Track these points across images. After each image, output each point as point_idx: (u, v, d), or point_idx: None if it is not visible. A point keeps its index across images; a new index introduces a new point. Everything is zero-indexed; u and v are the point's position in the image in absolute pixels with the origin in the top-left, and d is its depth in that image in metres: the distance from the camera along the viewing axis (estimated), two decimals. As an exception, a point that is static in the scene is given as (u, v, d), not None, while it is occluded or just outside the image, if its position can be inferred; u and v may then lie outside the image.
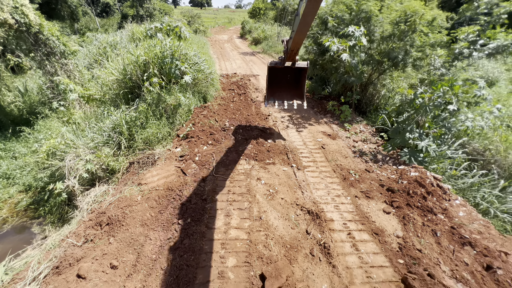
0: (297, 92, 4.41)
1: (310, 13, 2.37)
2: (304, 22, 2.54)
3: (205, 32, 21.98)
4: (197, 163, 3.78)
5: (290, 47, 3.34)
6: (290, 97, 4.41)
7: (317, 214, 2.81)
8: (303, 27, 2.67)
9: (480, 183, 3.70)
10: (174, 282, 2.04)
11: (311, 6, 2.24)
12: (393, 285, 2.12)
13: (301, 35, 2.87)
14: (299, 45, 3.20)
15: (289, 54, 3.52)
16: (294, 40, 3.02)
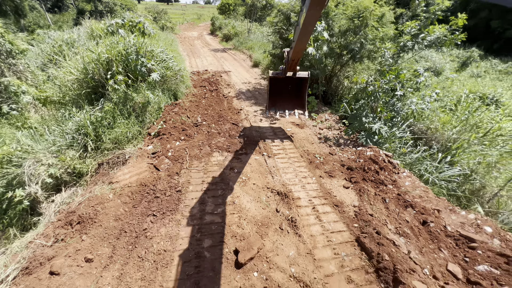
0: (298, 101, 4.41)
1: (311, 22, 2.39)
2: (305, 31, 2.54)
3: (173, 28, 21.22)
4: (170, 158, 3.82)
5: (291, 57, 3.32)
6: (292, 106, 4.42)
7: (286, 194, 3.09)
8: (303, 37, 2.68)
9: (423, 157, 4.32)
10: (152, 266, 2.14)
11: (312, 15, 2.28)
12: (349, 245, 2.47)
13: (301, 44, 2.87)
14: (300, 54, 3.19)
15: (290, 64, 3.52)
16: (295, 50, 3.02)
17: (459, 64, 14.68)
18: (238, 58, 12.92)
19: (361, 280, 2.14)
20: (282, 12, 6.31)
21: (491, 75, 13.58)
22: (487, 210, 3.62)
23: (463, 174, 4.08)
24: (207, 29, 28.69)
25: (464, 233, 2.64)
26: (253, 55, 11.90)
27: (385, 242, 2.38)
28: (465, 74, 13.21)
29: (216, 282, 2.05)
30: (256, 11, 21.51)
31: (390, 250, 2.27)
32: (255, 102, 6.62)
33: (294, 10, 6.02)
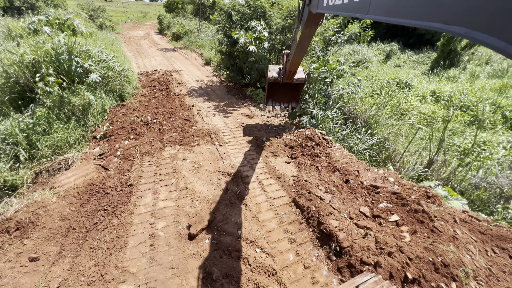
0: (294, 95, 4.67)
1: (306, 38, 2.59)
2: (301, 46, 2.75)
3: (114, 27, 19.51)
4: (119, 157, 3.79)
5: (289, 69, 3.57)
6: (287, 100, 4.70)
7: (235, 175, 3.44)
8: (300, 51, 2.90)
9: (351, 132, 5.20)
10: (106, 253, 2.24)
11: (307, 33, 2.47)
12: (287, 206, 2.97)
13: (298, 58, 3.12)
14: (296, 67, 3.50)
15: (287, 75, 3.80)
16: (292, 62, 3.27)
17: (384, 56, 17.30)
18: (189, 57, 12.76)
19: (295, 230, 2.64)
20: (224, 11, 6.62)
21: (408, 65, 16.42)
22: (397, 168, 4.62)
23: (379, 142, 5.08)
24: (155, 28, 27.14)
25: (374, 184, 3.40)
26: (204, 54, 11.93)
27: (314, 198, 2.94)
28: (389, 65, 15.69)
29: (171, 254, 2.28)
30: (205, 9, 21.32)
31: (317, 203, 2.83)
32: (208, 99, 6.81)
33: (235, 9, 6.39)
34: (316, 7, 1.93)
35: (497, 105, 8.53)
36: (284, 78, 3.90)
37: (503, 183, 3.60)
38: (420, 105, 8.80)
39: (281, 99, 4.72)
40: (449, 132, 7.26)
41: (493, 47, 0.57)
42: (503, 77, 12.81)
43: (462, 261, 2.12)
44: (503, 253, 2.42)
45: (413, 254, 2.10)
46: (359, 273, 2.07)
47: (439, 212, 2.82)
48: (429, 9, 0.76)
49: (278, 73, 4.13)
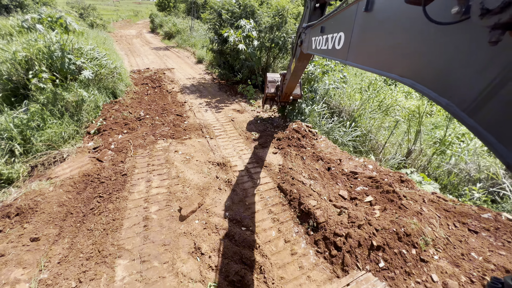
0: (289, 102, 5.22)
1: (299, 70, 3.07)
2: (295, 75, 3.25)
3: (105, 26, 19.35)
4: (113, 150, 3.95)
5: (285, 91, 4.15)
6: None
7: (224, 164, 3.66)
8: (294, 79, 3.49)
9: (336, 125, 5.48)
10: (103, 233, 2.43)
11: (300, 65, 2.93)
12: (272, 190, 3.21)
13: (293, 84, 3.75)
14: (292, 89, 4.10)
15: (283, 96, 4.38)
16: (288, 86, 3.89)
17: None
18: (182, 55, 12.86)
19: (278, 210, 2.88)
20: (214, 10, 6.79)
21: (397, 63, 16.87)
22: (379, 157, 4.91)
23: (363, 134, 5.37)
24: (147, 26, 26.94)
25: (353, 170, 3.67)
26: (197, 52, 12.05)
27: (296, 183, 3.18)
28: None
29: (163, 233, 2.48)
30: (197, 8, 21.35)
31: (299, 187, 3.08)
32: (200, 95, 6.99)
33: (225, 8, 6.57)
34: (306, 49, 2.39)
35: (476, 100, 8.97)
36: (281, 97, 4.42)
37: (470, 168, 3.93)
38: (405, 100, 9.19)
39: (276, 102, 5.26)
40: (431, 126, 7.65)
41: (430, 98, 0.76)
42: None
43: (423, 232, 2.39)
44: (463, 227, 2.72)
45: (380, 226, 2.36)
46: (333, 244, 2.32)
47: (410, 194, 3.11)
48: (387, 64, 1.01)
49: (275, 89, 4.64)
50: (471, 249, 2.39)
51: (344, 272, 2.14)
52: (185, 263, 2.19)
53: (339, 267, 2.18)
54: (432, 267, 2.18)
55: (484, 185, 3.68)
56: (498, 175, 3.66)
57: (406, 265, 2.17)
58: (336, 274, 2.15)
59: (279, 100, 4.52)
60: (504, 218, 2.74)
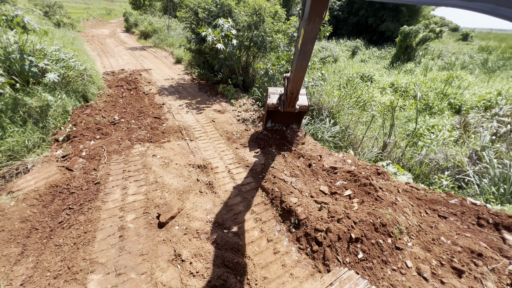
0: (295, 117, 4.37)
1: (309, 39, 2.49)
2: (304, 52, 2.65)
3: (73, 25, 18.15)
4: (84, 157, 3.71)
5: (290, 90, 3.25)
6: (287, 121, 4.49)
7: (205, 166, 3.58)
8: (302, 61, 2.76)
9: (315, 122, 5.59)
10: (73, 248, 2.26)
11: (310, 30, 2.37)
12: (254, 190, 3.19)
13: (300, 72, 2.92)
14: (299, 85, 3.12)
15: (289, 99, 3.45)
16: (294, 79, 3.07)
17: (351, 52, 18.40)
18: (159, 55, 12.42)
19: (261, 210, 2.87)
20: (190, 8, 6.61)
21: (372, 60, 17.68)
22: (357, 152, 5.09)
23: (342, 130, 5.54)
24: (121, 26, 25.69)
25: (333, 165, 3.77)
26: (175, 52, 11.71)
27: (278, 181, 3.20)
28: (355, 60, 16.76)
29: (140, 242, 2.37)
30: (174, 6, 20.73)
31: (280, 185, 3.09)
32: (179, 97, 6.79)
33: (201, 6, 6.43)
34: None
35: (444, 94, 9.65)
36: (286, 105, 3.61)
37: (439, 158, 4.21)
38: (381, 96, 9.64)
39: (281, 121, 4.56)
40: (404, 119, 8.09)
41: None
42: (451, 69, 14.42)
43: (398, 221, 2.51)
44: (433, 213, 2.90)
45: (358, 218, 2.44)
46: (314, 240, 2.36)
47: (386, 185, 3.25)
48: None
49: (278, 99, 3.83)
50: (440, 233, 2.55)
51: (325, 266, 2.18)
52: (164, 272, 2.10)
53: (320, 262, 2.22)
54: (406, 254, 2.30)
55: (451, 173, 3.95)
56: (463, 163, 3.95)
57: (383, 254, 2.26)
58: (318, 269, 2.18)
59: (283, 109, 3.67)
60: (469, 202, 2.96)
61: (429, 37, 16.82)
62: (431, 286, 2.05)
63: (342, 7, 24.96)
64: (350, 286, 1.89)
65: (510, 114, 5.67)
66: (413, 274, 2.15)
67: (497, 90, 8.72)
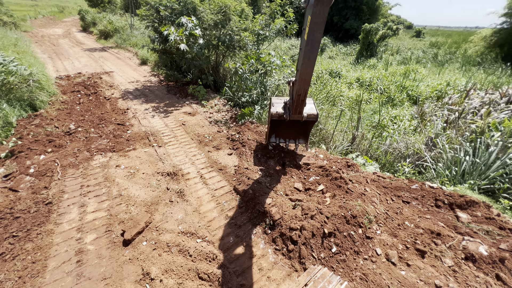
0: (301, 129, 3.89)
1: (317, 25, 2.20)
2: (311, 42, 2.36)
3: (16, 24, 16.08)
4: (32, 175, 3.26)
5: (297, 90, 2.82)
6: (293, 135, 3.98)
7: (175, 173, 3.38)
8: (310, 52, 2.42)
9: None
10: (18, 282, 1.95)
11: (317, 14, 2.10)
12: (229, 194, 3.10)
13: (308, 66, 2.56)
14: (307, 83, 2.75)
15: (295, 103, 2.99)
16: (301, 76, 2.69)
17: (319, 50, 19.09)
18: (123, 56, 11.57)
19: (236, 214, 2.79)
20: (151, 5, 6.22)
21: (339, 57, 18.55)
22: (329, 146, 5.26)
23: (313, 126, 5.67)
24: (77, 25, 23.48)
25: (306, 161, 3.82)
26: (140, 52, 11.00)
27: (252, 182, 3.14)
28: (323, 57, 17.42)
29: (103, 265, 2.14)
30: (136, 4, 19.47)
31: (254, 187, 3.04)
32: (145, 100, 6.37)
33: (163, 4, 6.07)
34: None
35: (403, 86, 10.48)
36: (292, 112, 3.17)
37: (401, 147, 4.53)
38: (348, 90, 10.14)
39: (286, 135, 4.02)
40: (371, 112, 8.61)
41: None
42: (408, 64, 15.74)
43: (367, 211, 2.62)
44: (398, 200, 3.09)
45: (330, 213, 2.49)
46: (289, 239, 2.35)
47: (355, 177, 3.38)
48: None
49: (283, 108, 3.39)
50: (405, 218, 2.73)
51: (302, 264, 2.19)
52: (131, 295, 1.92)
53: (296, 260, 2.22)
54: (376, 242, 2.40)
55: (412, 160, 4.28)
56: (421, 150, 4.30)
57: (354, 245, 2.34)
58: (294, 268, 2.18)
59: (289, 117, 3.23)
60: (427, 186, 3.22)
61: (388, 34, 18.16)
62: (399, 270, 2.17)
63: (308, 6, 25.71)
64: (324, 284, 1.91)
65: (457, 103, 6.34)
66: (382, 260, 2.26)
67: (446, 81, 9.72)
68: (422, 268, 2.17)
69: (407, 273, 2.13)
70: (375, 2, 25.45)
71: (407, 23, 43.04)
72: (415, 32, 32.96)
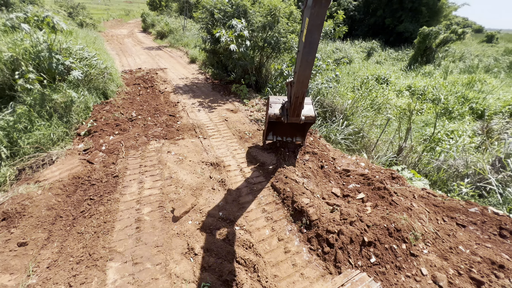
0: (299, 129, 3.92)
1: (315, 26, 2.16)
2: (309, 43, 2.26)
3: (95, 25, 18.99)
4: (104, 151, 3.89)
5: (295, 92, 2.77)
6: (291, 134, 4.03)
7: (218, 164, 3.65)
8: (308, 55, 2.34)
9: (329, 124, 5.53)
10: (93, 236, 2.39)
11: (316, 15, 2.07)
12: (266, 189, 3.22)
13: (306, 69, 2.49)
14: (304, 86, 2.68)
15: (293, 105, 2.95)
16: (299, 78, 2.62)
17: (366, 53, 17.97)
18: (175, 55, 12.73)
19: (272, 209, 2.89)
20: (207, 9, 6.75)
21: (388, 62, 17.18)
22: (371, 155, 4.98)
23: (355, 132, 5.44)
24: (139, 26, 26.57)
25: (346, 168, 3.72)
26: (190, 52, 11.96)
27: (289, 181, 3.20)
28: (370, 61, 16.35)
29: (156, 235, 2.46)
30: (190, 7, 21.16)
31: (292, 185, 3.10)
32: (193, 95, 6.94)
33: (217, 7, 6.54)
34: None
35: (465, 98, 9.22)
36: (290, 114, 3.14)
37: (458, 164, 4.04)
38: (397, 99, 9.35)
39: (284, 133, 4.03)
40: (422, 123, 7.81)
41: None
42: (473, 72, 13.74)
43: (413, 227, 2.45)
44: (451, 221, 2.79)
45: (371, 222, 2.40)
46: (325, 241, 2.35)
47: (400, 190, 3.17)
48: None
49: (281, 109, 3.38)
50: (458, 242, 2.46)
51: (337, 268, 2.17)
52: (178, 264, 2.17)
53: (331, 263, 2.21)
54: (421, 261, 2.23)
55: (471, 180, 3.79)
56: (484, 171, 3.77)
57: (396, 259, 2.21)
58: (328, 270, 2.17)
59: (286, 120, 3.22)
60: (490, 212, 2.83)
61: (450, 38, 16.11)
62: (447, 296, 1.99)
63: (358, 8, 24.43)
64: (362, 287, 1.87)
65: (539, 121, 5.34)
66: (428, 282, 2.09)
67: (525, 95, 8.22)
68: (477, 299, 1.94)
69: (457, 301, 1.94)
70: (437, 3, 22.80)
71: (476, 26, 37.42)
72: (486, 36, 28.46)
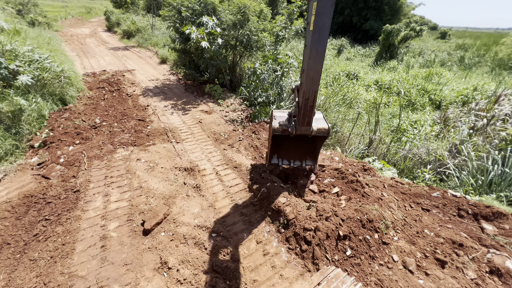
0: (309, 147, 3.29)
1: (325, 7, 1.90)
2: (319, 28, 1.96)
3: (50, 24, 17.24)
4: (62, 164, 3.51)
5: (305, 94, 2.36)
6: (299, 155, 3.38)
7: (192, 169, 3.49)
8: (317, 42, 2.02)
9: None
10: (49, 262, 2.12)
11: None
12: (243, 191, 3.15)
13: (316, 60, 2.15)
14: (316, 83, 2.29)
15: (303, 111, 2.49)
16: (308, 74, 2.24)
17: (336, 51, 18.73)
18: (144, 55, 12.05)
19: (249, 211, 2.83)
20: (173, 6, 6.44)
21: (357, 58, 18.08)
22: (345, 149, 5.17)
23: (329, 128, 5.59)
24: (102, 25, 24.76)
25: (321, 163, 3.79)
26: (160, 52, 11.41)
27: (266, 181, 3.17)
28: (341, 58, 17.07)
29: (124, 252, 2.26)
30: (158, 5, 20.18)
31: (268, 186, 3.07)
32: (164, 98, 6.61)
33: (184, 5, 6.27)
34: None
35: (425, 90, 10.03)
36: (299, 123, 2.63)
37: (422, 153, 4.36)
38: (366, 93, 9.87)
39: (291, 155, 3.40)
40: (389, 116, 8.33)
41: None
42: (431, 66, 15.02)
43: (384, 216, 2.56)
44: (417, 207, 2.98)
45: (345, 215, 2.46)
46: (303, 239, 2.35)
47: (372, 181, 3.31)
48: None
49: (287, 121, 2.81)
50: (424, 226, 2.63)
51: (315, 265, 2.18)
52: (150, 281, 2.02)
53: (310, 261, 2.22)
54: (392, 248, 2.34)
55: (433, 167, 4.10)
56: (443, 157, 4.11)
57: (370, 249, 2.29)
58: (307, 268, 2.18)
59: (295, 131, 2.67)
60: (450, 194, 3.08)
61: (410, 35, 17.43)
62: (416, 278, 2.11)
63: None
64: (337, 284, 1.90)
65: (485, 109, 5.98)
66: (399, 267, 2.20)
67: (473, 86, 9.17)
68: (442, 279, 2.08)
69: (425, 283, 2.06)
70: (397, 2, 24.53)
71: (432, 24, 41.02)
72: (440, 33, 31.35)
